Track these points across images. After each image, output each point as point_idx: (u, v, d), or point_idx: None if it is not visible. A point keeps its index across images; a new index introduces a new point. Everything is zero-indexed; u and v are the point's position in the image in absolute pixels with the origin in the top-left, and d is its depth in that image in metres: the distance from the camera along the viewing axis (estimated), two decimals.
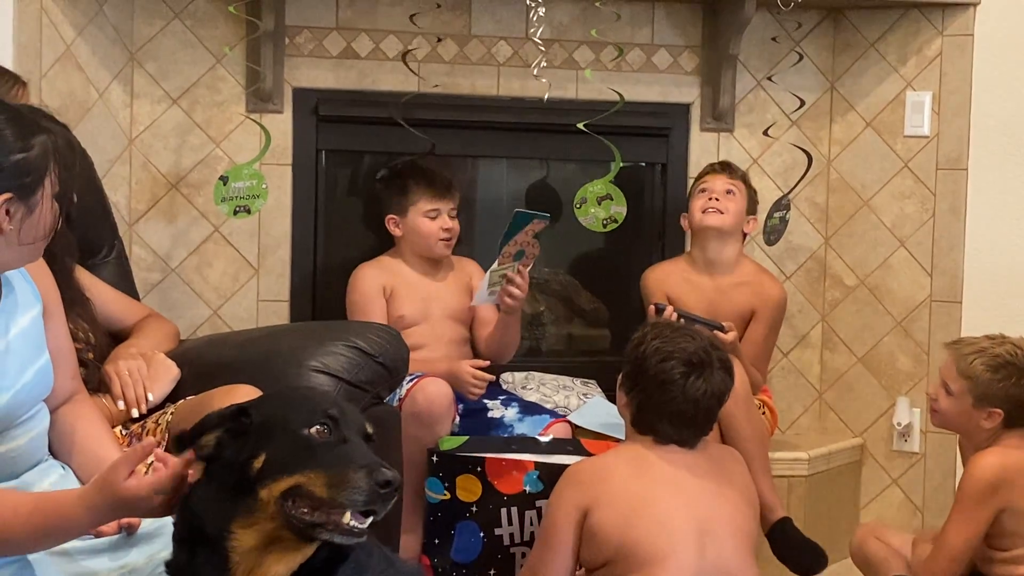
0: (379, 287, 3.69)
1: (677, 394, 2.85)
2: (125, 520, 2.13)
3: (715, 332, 3.60)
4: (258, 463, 1.87)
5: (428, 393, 3.39)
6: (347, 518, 1.83)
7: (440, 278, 3.77)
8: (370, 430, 1.94)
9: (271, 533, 1.87)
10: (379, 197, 3.84)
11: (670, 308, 3.65)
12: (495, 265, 3.52)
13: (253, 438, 1.90)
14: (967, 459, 3.14)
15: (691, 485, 2.85)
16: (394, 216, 3.74)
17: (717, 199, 3.85)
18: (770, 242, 4.10)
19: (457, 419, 3.52)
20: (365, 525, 1.85)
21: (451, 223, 3.71)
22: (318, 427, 1.88)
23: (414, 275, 3.74)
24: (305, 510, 1.84)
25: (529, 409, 3.62)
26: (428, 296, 3.73)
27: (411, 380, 3.43)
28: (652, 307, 3.69)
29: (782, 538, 3.50)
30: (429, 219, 3.69)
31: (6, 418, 2.15)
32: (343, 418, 1.91)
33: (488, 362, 3.61)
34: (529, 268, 3.59)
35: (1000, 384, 3.02)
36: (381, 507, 1.85)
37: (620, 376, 3.00)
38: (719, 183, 3.88)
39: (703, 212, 3.86)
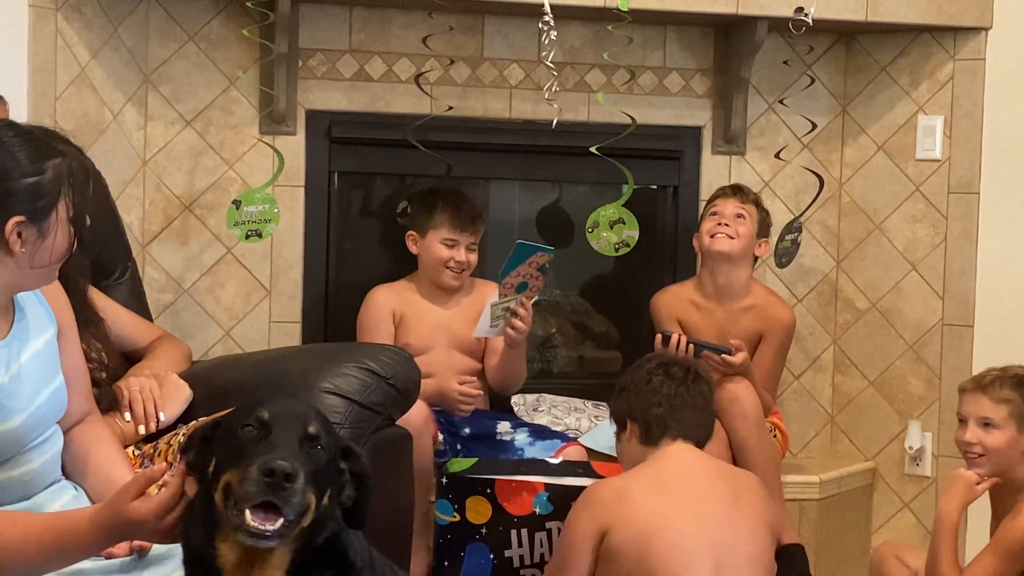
0: (389, 311, 3.69)
1: (664, 379, 3.02)
2: (136, 542, 2.13)
3: (723, 356, 3.60)
4: (211, 468, 1.89)
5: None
6: (248, 517, 1.79)
7: (452, 307, 3.75)
8: (312, 430, 1.90)
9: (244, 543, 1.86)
10: (409, 213, 3.85)
11: (676, 336, 3.64)
12: (495, 298, 3.48)
13: (214, 446, 1.91)
14: (1003, 499, 3.13)
15: (709, 510, 2.85)
16: (414, 233, 3.73)
17: (726, 224, 3.83)
18: (781, 264, 4.10)
19: (440, 437, 3.49)
20: (270, 527, 1.80)
21: (466, 256, 3.68)
22: (247, 427, 1.88)
23: (425, 303, 3.73)
24: (236, 512, 1.83)
25: (540, 433, 3.61)
26: (436, 325, 3.71)
27: None
28: (659, 336, 3.68)
29: (785, 563, 3.49)
30: (445, 247, 3.67)
31: (20, 440, 2.16)
32: (275, 418, 1.89)
33: (475, 379, 3.60)
34: (533, 300, 3.54)
35: None
36: (280, 501, 1.79)
37: (615, 427, 3.10)
38: (729, 207, 3.86)
39: (712, 236, 3.84)
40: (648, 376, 3.03)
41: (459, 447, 3.58)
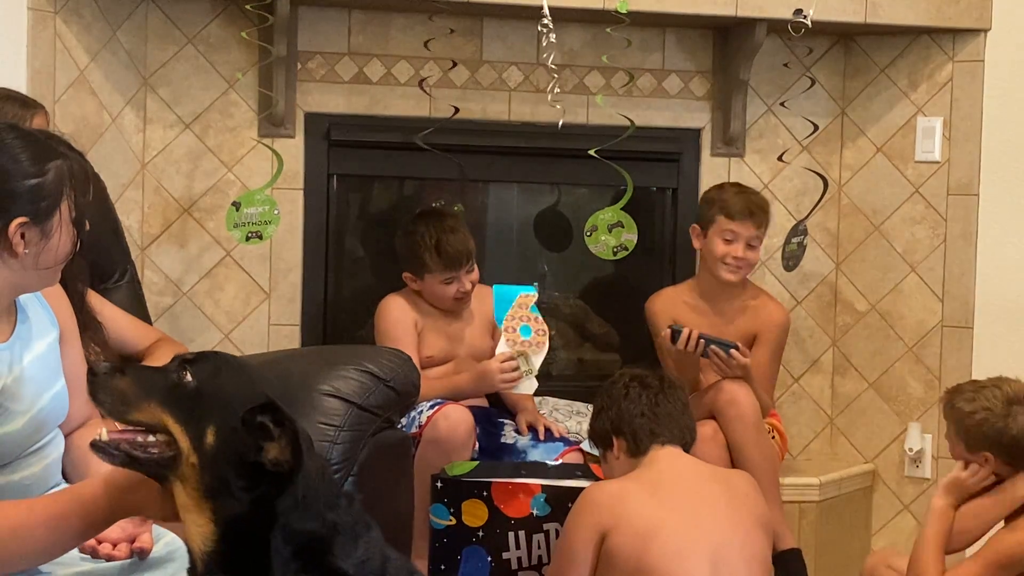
0: (412, 319, 3.66)
1: (640, 390, 3.06)
2: (137, 544, 2.13)
3: (732, 352, 3.59)
4: None
5: (451, 421, 3.39)
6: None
7: (463, 318, 3.74)
8: (187, 357, 1.92)
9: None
10: (396, 248, 3.78)
11: (687, 330, 3.62)
12: (503, 346, 3.48)
13: None
14: None
15: (705, 511, 2.86)
16: (410, 274, 3.68)
17: (739, 257, 3.75)
18: (788, 268, 4.09)
19: (476, 446, 3.52)
20: (99, 438, 1.83)
21: (468, 283, 3.65)
22: None
23: (438, 315, 3.71)
24: None
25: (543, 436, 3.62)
26: (453, 337, 3.71)
27: (432, 406, 3.43)
28: (668, 331, 3.65)
29: (784, 570, 3.49)
30: (444, 284, 3.63)
31: (22, 443, 2.15)
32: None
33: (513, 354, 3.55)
34: (547, 345, 3.54)
35: (978, 418, 2.99)
36: (91, 392, 1.85)
37: (600, 447, 3.13)
38: (746, 232, 3.76)
39: (723, 262, 3.77)
40: (625, 390, 3.07)
41: None
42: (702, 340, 3.60)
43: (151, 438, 1.84)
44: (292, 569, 1.88)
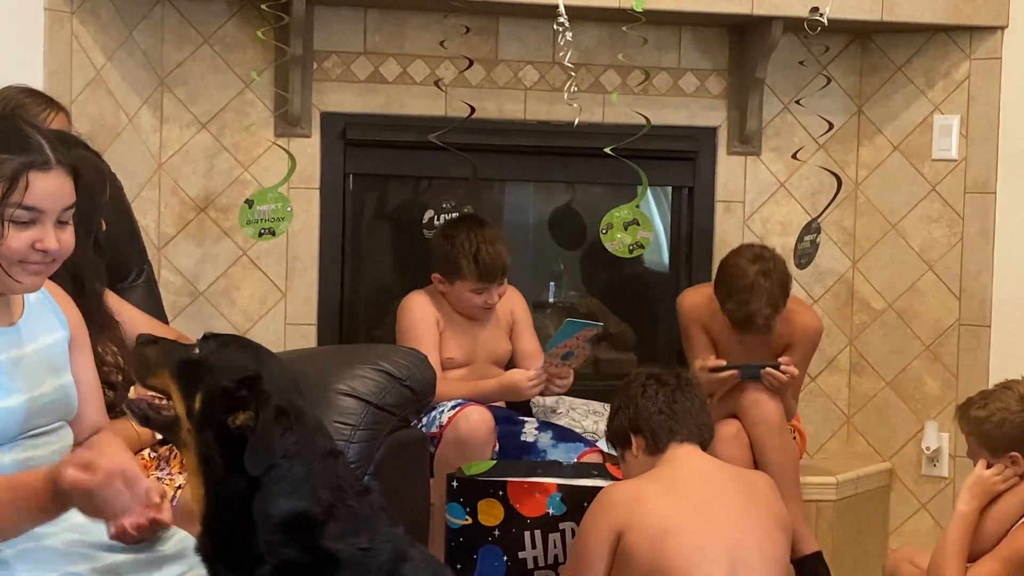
0: (434, 319, 3.65)
1: (658, 387, 3.03)
2: (153, 516, 2.10)
3: (783, 369, 3.57)
4: None
5: (472, 421, 3.39)
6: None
7: (484, 322, 3.73)
8: (208, 333, 2.12)
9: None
10: (429, 246, 3.76)
11: (728, 372, 3.63)
12: (540, 364, 3.56)
13: None
14: None
15: (723, 510, 2.85)
16: (440, 276, 3.66)
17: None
18: (800, 265, 4.08)
19: (496, 446, 3.52)
20: (132, 396, 2.15)
21: (496, 296, 3.64)
22: None
23: (461, 318, 3.70)
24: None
25: (564, 436, 3.61)
26: (475, 340, 3.71)
27: (454, 407, 3.44)
28: (708, 369, 3.64)
29: (810, 574, 3.48)
30: (475, 294, 3.62)
31: (20, 423, 2.11)
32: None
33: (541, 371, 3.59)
34: (576, 367, 3.61)
35: (995, 420, 2.99)
36: (132, 363, 2.14)
37: (618, 447, 3.11)
38: (754, 340, 3.71)
39: None
40: (642, 388, 3.05)
41: None
42: (736, 371, 3.61)
43: (164, 402, 2.04)
44: (275, 541, 1.94)
